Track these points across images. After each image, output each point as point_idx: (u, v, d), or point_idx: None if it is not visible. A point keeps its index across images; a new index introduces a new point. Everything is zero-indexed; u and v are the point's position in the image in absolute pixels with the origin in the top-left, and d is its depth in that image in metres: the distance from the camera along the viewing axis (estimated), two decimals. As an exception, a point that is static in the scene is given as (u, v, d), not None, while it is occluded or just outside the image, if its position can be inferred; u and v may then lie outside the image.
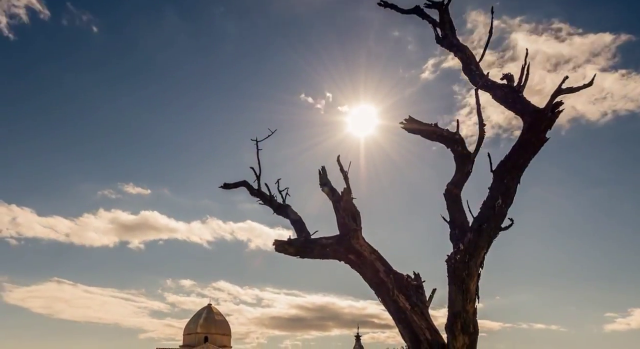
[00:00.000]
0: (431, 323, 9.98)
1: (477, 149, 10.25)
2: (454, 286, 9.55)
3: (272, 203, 12.22)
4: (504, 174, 9.54)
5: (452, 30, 10.04)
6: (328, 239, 10.98)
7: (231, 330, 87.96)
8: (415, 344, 9.90)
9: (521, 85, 9.34)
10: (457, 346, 9.39)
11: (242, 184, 12.66)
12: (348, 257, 10.68)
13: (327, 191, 11.35)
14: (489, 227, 9.47)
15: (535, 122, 9.28)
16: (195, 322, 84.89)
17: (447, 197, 10.38)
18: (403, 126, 10.65)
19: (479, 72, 9.70)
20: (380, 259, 10.53)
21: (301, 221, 11.69)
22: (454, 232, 10.00)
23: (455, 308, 9.49)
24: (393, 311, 10.19)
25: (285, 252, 11.33)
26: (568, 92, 9.16)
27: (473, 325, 9.55)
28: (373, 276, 10.42)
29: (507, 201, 9.47)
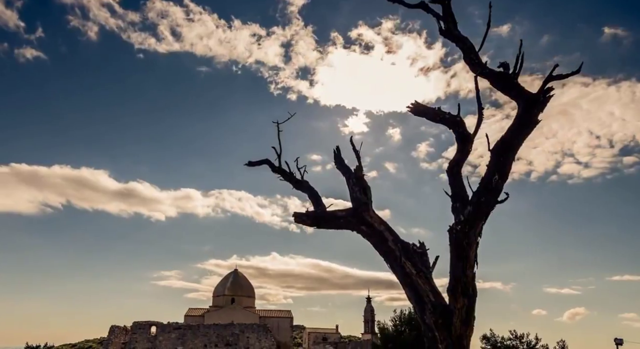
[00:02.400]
0: (434, 286, 10.05)
1: (476, 130, 10.30)
2: (455, 254, 9.63)
3: (292, 179, 12.29)
4: (500, 153, 9.61)
5: (454, 23, 10.02)
6: (342, 211, 11.06)
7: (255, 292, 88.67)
8: (420, 306, 10.00)
9: (516, 73, 9.39)
10: (458, 307, 9.49)
11: (265, 162, 12.73)
12: (360, 228, 10.77)
13: (340, 168, 11.43)
14: (487, 200, 9.56)
15: (528, 106, 9.36)
16: (223, 285, 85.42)
17: (449, 174, 10.44)
18: (410, 109, 10.70)
19: (478, 61, 9.72)
20: (388, 229, 10.61)
21: (317, 195, 11.76)
22: (455, 205, 10.07)
23: (456, 273, 9.58)
24: (400, 276, 10.28)
25: (303, 223, 11.43)
26: (558, 79, 9.22)
27: (472, 288, 9.65)
28: (382, 244, 10.51)
29: (503, 177, 9.56)
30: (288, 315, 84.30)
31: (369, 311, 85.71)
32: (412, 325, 61.86)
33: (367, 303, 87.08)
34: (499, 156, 9.60)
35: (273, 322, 76.05)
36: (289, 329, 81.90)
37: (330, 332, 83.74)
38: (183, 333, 47.92)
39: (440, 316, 9.60)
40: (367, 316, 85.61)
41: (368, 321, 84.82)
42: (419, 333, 54.23)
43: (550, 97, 9.24)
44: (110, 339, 50.61)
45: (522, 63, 9.35)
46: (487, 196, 9.57)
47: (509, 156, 9.58)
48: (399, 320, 66.07)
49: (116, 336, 51.50)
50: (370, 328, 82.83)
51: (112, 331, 51.57)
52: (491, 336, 53.72)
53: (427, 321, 9.77)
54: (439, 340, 9.56)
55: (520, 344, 51.54)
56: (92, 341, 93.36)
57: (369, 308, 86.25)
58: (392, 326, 66.59)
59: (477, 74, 9.80)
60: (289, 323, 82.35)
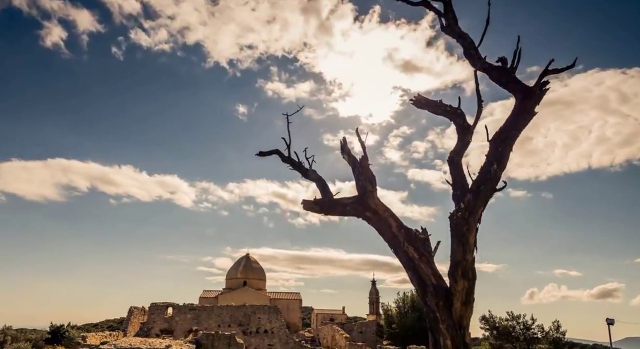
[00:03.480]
0: (436, 270, 10.08)
1: (476, 122, 10.32)
2: (455, 239, 9.67)
3: (301, 168, 12.28)
4: (498, 143, 9.63)
5: (455, 20, 10.02)
6: (348, 199, 11.09)
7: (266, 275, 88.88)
8: (422, 288, 10.04)
9: (514, 67, 9.41)
10: (458, 289, 9.53)
11: (275, 152, 12.73)
12: (365, 215, 10.80)
13: (347, 158, 11.44)
14: (485, 188, 9.59)
15: (525, 99, 9.38)
16: (235, 268, 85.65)
17: (450, 163, 10.45)
18: (413, 102, 10.72)
19: (478, 56, 9.72)
20: (392, 216, 10.63)
21: (325, 184, 11.77)
22: (455, 193, 10.10)
23: (456, 257, 9.62)
24: (404, 260, 10.32)
25: (311, 210, 11.45)
26: (553, 73, 9.23)
27: (472, 272, 9.69)
28: (387, 230, 10.54)
29: (501, 166, 9.59)
30: (297, 297, 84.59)
31: (374, 294, 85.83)
32: (414, 307, 62.03)
33: (372, 285, 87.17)
34: (498, 146, 9.63)
35: (283, 304, 76.37)
36: (298, 311, 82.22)
37: (337, 313, 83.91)
38: (198, 313, 48.11)
39: (441, 298, 9.65)
40: (372, 298, 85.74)
41: (373, 302, 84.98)
42: (421, 314, 54.35)
43: (546, 90, 9.29)
44: (129, 320, 50.89)
45: (519, 58, 9.37)
46: (486, 184, 9.60)
47: (507, 146, 9.62)
48: (403, 302, 66.22)
49: (135, 316, 51.78)
50: (375, 309, 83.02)
51: (131, 311, 51.88)
52: (489, 317, 53.73)
53: (429, 303, 9.81)
54: (441, 321, 9.61)
55: (517, 325, 51.57)
56: (113, 321, 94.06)
57: (374, 290, 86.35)
58: (396, 307, 66.74)
59: (477, 69, 9.82)
60: (298, 304, 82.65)
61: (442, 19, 10.17)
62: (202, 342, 33.82)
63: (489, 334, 53.98)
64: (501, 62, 9.49)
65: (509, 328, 51.60)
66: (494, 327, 52.94)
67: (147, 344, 31.64)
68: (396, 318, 64.59)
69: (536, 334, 50.52)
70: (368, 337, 60.48)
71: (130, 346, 29.92)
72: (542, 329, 50.78)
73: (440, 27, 10.19)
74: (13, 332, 44.51)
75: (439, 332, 9.63)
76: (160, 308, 48.83)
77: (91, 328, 79.58)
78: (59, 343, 44.57)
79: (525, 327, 51.08)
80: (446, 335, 9.52)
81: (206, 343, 33.79)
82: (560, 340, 50.07)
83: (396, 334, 61.29)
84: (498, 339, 52.14)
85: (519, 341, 50.31)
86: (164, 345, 30.91)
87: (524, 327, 51.15)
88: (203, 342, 33.83)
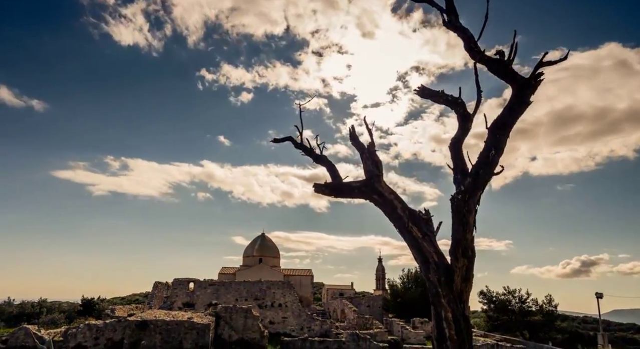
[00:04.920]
0: (438, 248, 10.10)
1: (475, 111, 10.30)
2: (456, 219, 9.68)
3: (312, 154, 12.30)
4: (496, 131, 9.61)
5: (456, 16, 9.96)
6: (356, 182, 11.11)
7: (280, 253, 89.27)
8: (425, 265, 10.07)
9: (511, 60, 9.37)
10: (459, 266, 9.56)
11: (288, 139, 12.76)
12: (372, 197, 10.82)
13: (355, 144, 11.45)
14: (484, 172, 9.59)
15: (522, 89, 9.34)
16: (252, 247, 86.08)
17: (451, 149, 10.44)
18: (417, 92, 10.70)
19: (477, 49, 9.67)
20: (397, 198, 10.65)
21: (335, 168, 11.79)
22: (456, 177, 10.11)
23: (457, 237, 9.64)
24: (408, 239, 10.34)
25: (322, 193, 11.49)
26: (547, 65, 9.20)
27: (471, 250, 9.71)
28: (392, 211, 10.56)
29: (498, 152, 9.58)
30: (309, 273, 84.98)
31: (380, 270, 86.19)
32: (418, 282, 62.32)
33: (379, 263, 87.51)
34: (495, 134, 9.62)
35: (296, 279, 76.73)
36: (310, 286, 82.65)
37: (346, 288, 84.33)
38: (217, 288, 48.41)
39: (443, 274, 9.68)
40: (378, 275, 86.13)
41: (379, 278, 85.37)
42: (424, 289, 54.54)
43: (541, 81, 9.28)
44: (154, 294, 51.33)
45: (516, 51, 9.34)
46: (484, 169, 9.61)
47: (504, 133, 9.62)
48: (407, 278, 66.48)
49: (159, 290, 52.21)
50: (381, 284, 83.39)
51: (155, 286, 52.32)
52: (487, 292, 53.89)
53: (432, 279, 9.85)
54: (442, 295, 9.65)
55: (512, 299, 51.69)
56: (139, 295, 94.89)
57: (380, 267, 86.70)
58: (401, 283, 67.02)
59: (477, 61, 9.78)
60: (310, 280, 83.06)
61: (444, 14, 10.12)
62: (221, 315, 34.09)
63: (487, 307, 54.19)
64: (499, 55, 9.46)
65: (505, 302, 51.77)
66: (491, 301, 53.13)
67: (171, 316, 31.92)
68: (401, 292, 64.86)
69: (530, 308, 50.68)
70: (375, 310, 60.72)
71: (155, 317, 30.20)
72: (536, 302, 50.94)
73: (442, 22, 10.14)
74: (48, 304, 45.07)
75: (440, 305, 9.67)
76: (183, 283, 49.15)
77: (119, 301, 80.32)
78: (90, 315, 45.06)
79: (521, 301, 51.23)
80: (447, 308, 9.57)
81: (225, 316, 34.05)
82: (552, 313, 50.19)
83: (401, 308, 61.60)
84: (495, 312, 52.33)
85: (515, 314, 50.47)
86: (186, 317, 31.17)
87: (519, 301, 51.30)
88: (222, 315, 34.09)
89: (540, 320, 49.16)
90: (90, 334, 27.96)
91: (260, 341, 33.50)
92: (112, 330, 28.33)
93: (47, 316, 39.64)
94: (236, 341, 32.85)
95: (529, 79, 9.30)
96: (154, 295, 51.07)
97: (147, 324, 28.78)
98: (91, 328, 28.27)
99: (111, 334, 28.22)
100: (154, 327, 28.70)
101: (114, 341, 28.05)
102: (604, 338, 39.59)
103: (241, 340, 33.03)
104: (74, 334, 27.86)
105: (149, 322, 28.97)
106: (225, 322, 33.82)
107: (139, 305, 48.43)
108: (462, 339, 9.43)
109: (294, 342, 32.87)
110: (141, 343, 28.02)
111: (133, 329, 28.44)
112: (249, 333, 33.70)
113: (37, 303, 43.99)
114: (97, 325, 28.54)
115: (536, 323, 49.15)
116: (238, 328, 33.72)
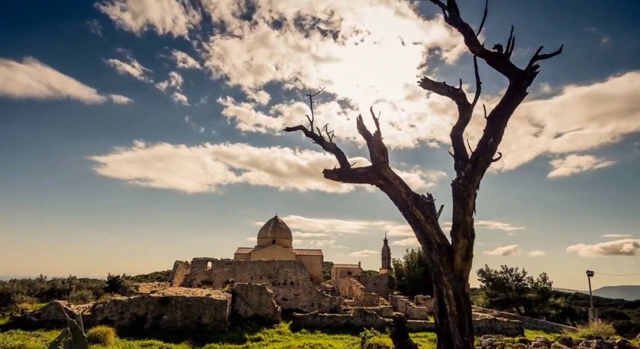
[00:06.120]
0: (440, 230, 10.15)
1: (475, 101, 10.29)
2: (457, 203, 9.71)
3: (322, 142, 12.33)
4: (495, 120, 9.61)
5: (457, 12, 9.94)
6: (363, 169, 11.15)
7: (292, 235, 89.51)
8: (428, 246, 10.12)
9: (508, 53, 9.36)
10: (459, 246, 9.60)
11: (300, 128, 12.78)
12: (378, 182, 10.86)
13: (362, 132, 11.46)
14: (483, 159, 9.61)
15: (518, 81, 9.33)
16: (265, 228, 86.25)
17: (452, 137, 10.44)
18: (420, 84, 10.69)
19: (477, 43, 9.65)
20: (402, 183, 10.68)
21: (343, 155, 11.81)
22: (457, 163, 10.12)
23: (457, 219, 9.68)
24: (411, 221, 10.38)
25: (331, 179, 11.53)
26: (542, 58, 9.18)
27: (471, 231, 9.75)
28: (397, 195, 10.60)
29: (497, 139, 9.59)
30: (319, 254, 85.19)
31: (386, 250, 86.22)
32: (421, 262, 62.44)
33: (384, 243, 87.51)
34: (494, 122, 9.62)
35: (307, 259, 77.03)
36: (320, 265, 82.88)
37: (354, 268, 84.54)
38: (233, 267, 48.68)
39: (444, 254, 9.73)
40: (384, 254, 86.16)
41: (385, 258, 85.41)
42: (426, 268, 54.66)
43: (537, 73, 9.27)
44: (175, 272, 51.69)
45: (513, 45, 9.33)
46: (483, 155, 9.61)
47: (502, 122, 9.63)
48: (411, 258, 66.60)
49: (179, 269, 52.54)
50: (386, 264, 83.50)
51: (176, 265, 52.65)
52: (486, 270, 53.87)
53: (434, 258, 9.90)
54: (444, 274, 9.70)
55: (510, 277, 51.67)
56: (160, 273, 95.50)
57: (386, 247, 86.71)
58: (405, 262, 67.15)
59: (476, 54, 9.78)
60: (320, 260, 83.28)
61: (446, 11, 10.10)
62: (237, 292, 34.32)
63: (485, 285, 54.21)
64: (497, 49, 9.45)
65: (503, 280, 51.77)
66: (490, 279, 53.12)
67: (190, 293, 32.19)
68: (405, 271, 65.02)
69: (526, 285, 50.68)
70: (381, 288, 60.90)
71: (176, 294, 30.46)
72: (531, 280, 50.93)
73: (444, 18, 10.11)
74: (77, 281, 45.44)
75: (442, 283, 9.73)
76: (201, 262, 49.43)
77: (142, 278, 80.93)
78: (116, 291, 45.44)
79: (517, 279, 51.22)
80: (448, 286, 9.62)
81: (241, 293, 34.29)
82: (546, 289, 50.19)
83: (405, 286, 61.83)
84: (493, 290, 52.34)
85: (512, 291, 50.47)
86: (205, 294, 31.40)
87: (516, 279, 51.30)
88: (238, 292, 34.33)
89: (535, 297, 49.17)
90: (116, 309, 28.27)
91: (273, 316, 33.75)
92: (136, 305, 28.62)
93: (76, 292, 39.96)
94: (251, 316, 33.11)
95: (525, 71, 9.31)
96: (175, 273, 51.42)
97: (168, 300, 29.04)
98: (117, 304, 28.57)
99: (135, 309, 28.52)
100: (174, 303, 28.96)
101: (137, 315, 28.34)
102: (594, 313, 39.61)
103: (256, 315, 33.29)
104: (101, 309, 28.18)
105: (170, 298, 29.23)
106: (241, 298, 34.08)
107: (161, 282, 48.82)
108: (462, 314, 9.49)
109: (305, 317, 33.09)
110: (163, 317, 28.30)
111: (155, 304, 28.71)
112: (263, 308, 33.95)
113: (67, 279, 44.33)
114: (122, 301, 28.84)
115: (531, 299, 49.16)
116: (253, 304, 33.97)
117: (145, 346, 21.74)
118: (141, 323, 27.88)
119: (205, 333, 26.97)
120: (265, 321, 32.79)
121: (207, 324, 28.51)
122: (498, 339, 18.28)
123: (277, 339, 27.63)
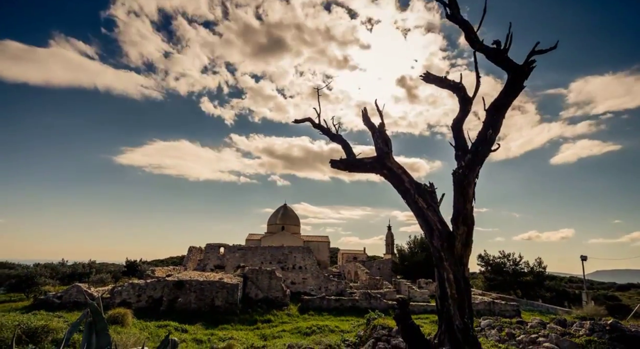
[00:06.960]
0: (441, 217, 10.15)
1: (475, 94, 10.27)
2: (457, 192, 9.71)
3: (329, 133, 12.32)
4: (493, 112, 9.58)
5: (457, 9, 9.88)
6: (368, 159, 11.15)
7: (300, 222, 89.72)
8: (429, 232, 10.14)
9: (507, 49, 9.32)
10: (459, 233, 9.61)
11: (307, 120, 12.78)
12: (382, 172, 10.87)
13: (367, 124, 11.45)
14: (482, 149, 9.59)
15: (516, 75, 9.30)
16: (275, 216, 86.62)
17: (453, 129, 10.42)
18: (422, 78, 10.67)
19: (476, 39, 9.61)
20: (405, 173, 10.69)
21: (349, 146, 11.81)
22: (457, 154, 10.10)
23: (458, 207, 9.69)
24: (414, 209, 10.39)
25: (337, 168, 11.53)
26: (538, 53, 9.13)
27: (470, 219, 9.75)
28: (400, 184, 10.60)
29: (495, 131, 9.58)
30: (326, 240, 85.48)
31: (390, 237, 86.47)
32: (423, 248, 62.53)
33: (388, 230, 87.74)
34: (493, 115, 9.60)
35: (314, 245, 77.36)
36: (326, 251, 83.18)
37: (359, 253, 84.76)
38: (245, 252, 48.92)
39: (445, 240, 9.74)
40: (388, 241, 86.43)
41: (389, 244, 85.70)
42: (428, 254, 54.77)
43: (533, 67, 9.24)
44: (189, 257, 52.00)
45: (511, 41, 9.29)
46: (483, 146, 9.60)
47: (501, 114, 9.61)
48: (413, 244, 66.69)
49: (193, 254, 52.85)
50: (390, 249, 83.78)
51: (190, 250, 52.96)
52: (485, 255, 53.93)
53: (435, 244, 9.92)
54: (444, 259, 9.73)
55: (507, 261, 51.74)
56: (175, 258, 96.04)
57: (390, 234, 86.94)
58: (408, 248, 67.25)
59: (476, 50, 9.74)
60: (326, 246, 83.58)
61: (447, 8, 10.05)
62: (248, 276, 34.54)
63: (484, 269, 54.30)
64: (496, 45, 9.41)
65: (501, 264, 51.84)
66: (489, 263, 53.20)
67: (204, 276, 32.43)
68: (408, 256, 65.15)
69: (523, 269, 50.78)
70: (385, 272, 61.09)
71: (190, 278, 30.68)
72: (527, 264, 51.02)
73: (445, 15, 10.07)
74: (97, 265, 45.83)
75: (443, 268, 9.76)
76: (214, 247, 49.71)
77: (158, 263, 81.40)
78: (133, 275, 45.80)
79: (514, 263, 51.29)
80: (449, 270, 9.65)
81: (252, 277, 34.50)
82: (542, 273, 50.28)
83: (408, 270, 61.96)
84: (492, 274, 52.42)
85: (509, 275, 50.55)
86: (217, 278, 31.63)
87: (513, 263, 51.37)
88: (249, 276, 34.54)
89: (531, 280, 49.25)
90: (133, 292, 28.53)
91: (283, 299, 33.95)
92: (152, 288, 28.87)
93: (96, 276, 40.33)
94: (262, 299, 33.32)
95: (523, 65, 9.27)
96: (189, 258, 51.76)
97: (183, 283, 29.27)
98: (134, 287, 28.83)
99: (151, 292, 28.77)
100: (189, 286, 29.19)
101: (154, 298, 28.60)
102: (587, 295, 39.66)
103: (266, 298, 33.50)
104: (119, 291, 28.45)
105: (184, 282, 29.46)
106: (252, 282, 34.28)
107: (176, 267, 49.16)
108: (462, 297, 9.53)
109: (313, 300, 33.28)
110: (178, 300, 28.54)
111: (171, 288, 28.95)
112: (273, 292, 34.16)
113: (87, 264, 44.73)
114: (140, 284, 29.09)
115: (528, 282, 49.25)
116: (263, 288, 34.18)
117: (161, 327, 21.97)
118: (157, 305, 28.14)
119: (218, 315, 27.20)
120: (275, 303, 33.02)
121: (219, 307, 28.74)
122: (496, 321, 18.32)
123: (286, 320, 27.85)
